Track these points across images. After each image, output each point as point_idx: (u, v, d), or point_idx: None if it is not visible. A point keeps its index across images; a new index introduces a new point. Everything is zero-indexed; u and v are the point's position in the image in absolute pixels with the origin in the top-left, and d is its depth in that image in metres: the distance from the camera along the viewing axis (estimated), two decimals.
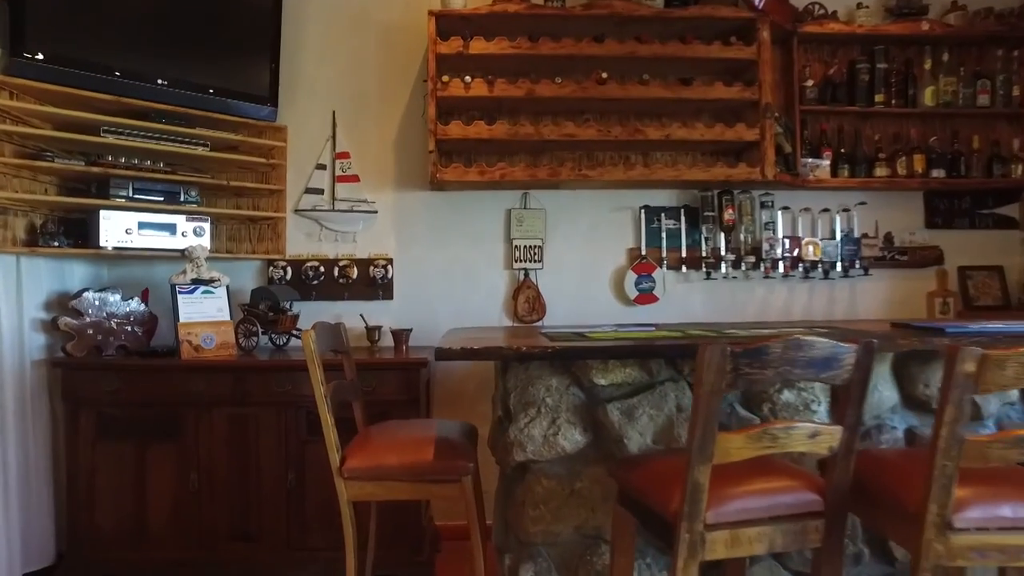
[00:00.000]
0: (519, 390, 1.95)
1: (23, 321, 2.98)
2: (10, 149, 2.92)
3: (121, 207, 3.02)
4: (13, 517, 2.86)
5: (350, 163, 3.50)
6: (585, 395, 1.96)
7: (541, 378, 1.95)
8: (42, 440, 3.06)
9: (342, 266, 3.48)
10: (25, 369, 2.98)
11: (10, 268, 2.93)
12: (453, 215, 3.51)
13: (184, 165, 3.30)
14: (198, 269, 3.12)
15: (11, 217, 2.94)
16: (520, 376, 1.96)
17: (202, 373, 2.96)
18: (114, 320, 3.12)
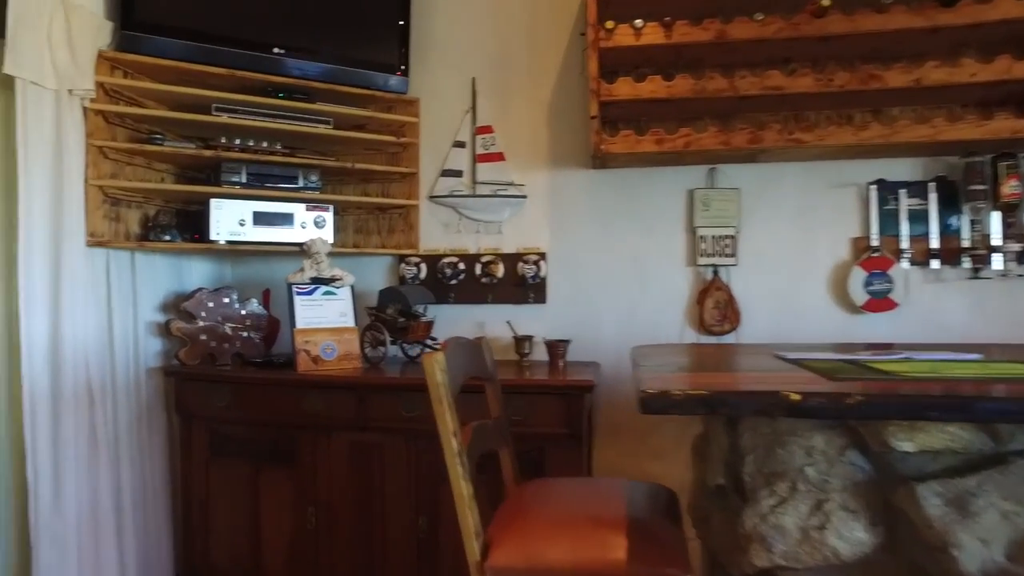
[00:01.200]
0: (760, 451, 1.22)
1: (137, 324, 2.64)
2: (123, 134, 2.58)
3: (234, 195, 2.60)
4: (128, 541, 2.51)
5: (493, 139, 2.90)
6: (873, 467, 1.19)
7: (797, 435, 1.21)
8: (159, 456, 2.71)
9: (485, 262, 2.88)
10: (140, 377, 2.63)
11: (124, 265, 2.59)
12: (620, 199, 2.81)
13: (304, 147, 2.84)
14: (318, 266, 2.64)
15: (124, 209, 2.59)
16: (762, 430, 1.23)
17: (320, 390, 2.46)
18: (229, 324, 2.71)
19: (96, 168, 2.43)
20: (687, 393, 1.00)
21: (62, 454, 2.28)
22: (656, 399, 1.01)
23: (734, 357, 1.65)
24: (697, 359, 1.63)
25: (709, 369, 1.43)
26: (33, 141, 2.23)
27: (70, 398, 2.31)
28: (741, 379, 1.27)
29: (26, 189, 2.21)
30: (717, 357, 1.67)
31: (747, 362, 1.53)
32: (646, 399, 1.01)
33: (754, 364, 1.48)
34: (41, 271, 2.24)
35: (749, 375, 1.33)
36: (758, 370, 1.37)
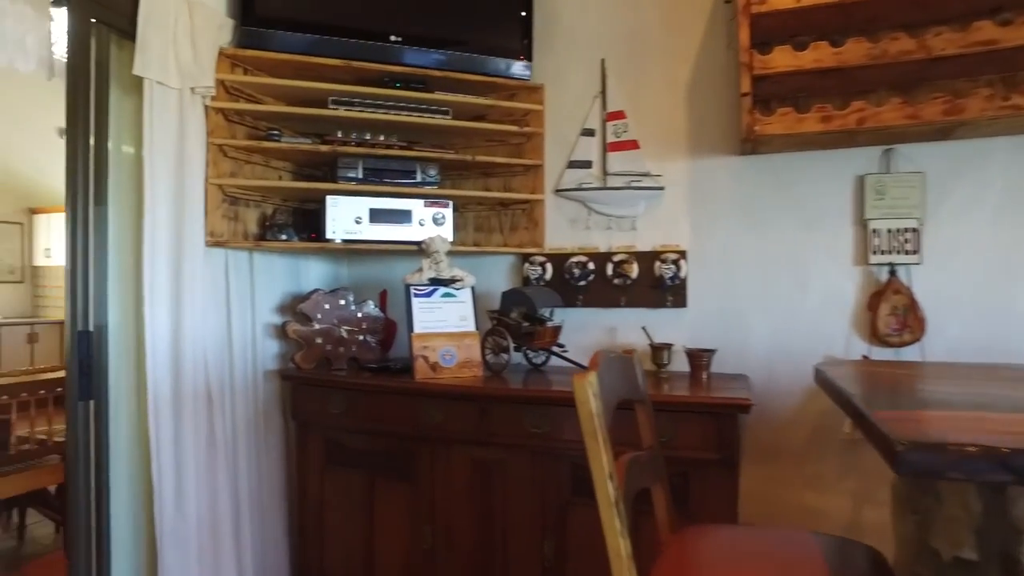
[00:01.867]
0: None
1: (255, 325, 2.55)
2: (242, 132, 2.50)
3: (350, 192, 2.46)
4: (246, 545, 2.43)
5: (626, 125, 2.61)
6: None
7: None
8: (275, 461, 2.62)
9: (617, 262, 2.59)
10: (257, 380, 2.55)
11: (242, 265, 2.52)
12: (774, 188, 2.43)
13: (422, 140, 2.67)
14: (437, 266, 2.45)
15: (242, 208, 2.52)
16: None
17: (439, 400, 2.27)
18: (345, 327, 2.58)
19: (216, 167, 2.36)
20: (982, 449, 0.67)
21: (183, 455, 2.21)
22: (926, 456, 0.68)
23: (958, 381, 1.27)
24: (910, 383, 1.27)
25: (958, 405, 1.07)
26: (158, 141, 2.17)
27: (189, 399, 2.24)
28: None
29: (151, 190, 2.15)
30: (933, 381, 1.30)
31: (999, 392, 1.16)
32: (906, 457, 0.69)
33: (1015, 395, 1.11)
34: (164, 271, 2.18)
35: None
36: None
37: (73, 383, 2.04)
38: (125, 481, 2.22)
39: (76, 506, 2.08)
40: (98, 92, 2.14)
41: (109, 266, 2.15)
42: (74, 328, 2.01)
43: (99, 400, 2.11)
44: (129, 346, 2.21)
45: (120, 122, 2.22)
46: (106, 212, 2.14)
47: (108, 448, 2.14)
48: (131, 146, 2.24)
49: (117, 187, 2.20)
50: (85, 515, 2.09)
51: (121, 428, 2.20)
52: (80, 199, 2.07)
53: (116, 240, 2.19)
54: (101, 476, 2.13)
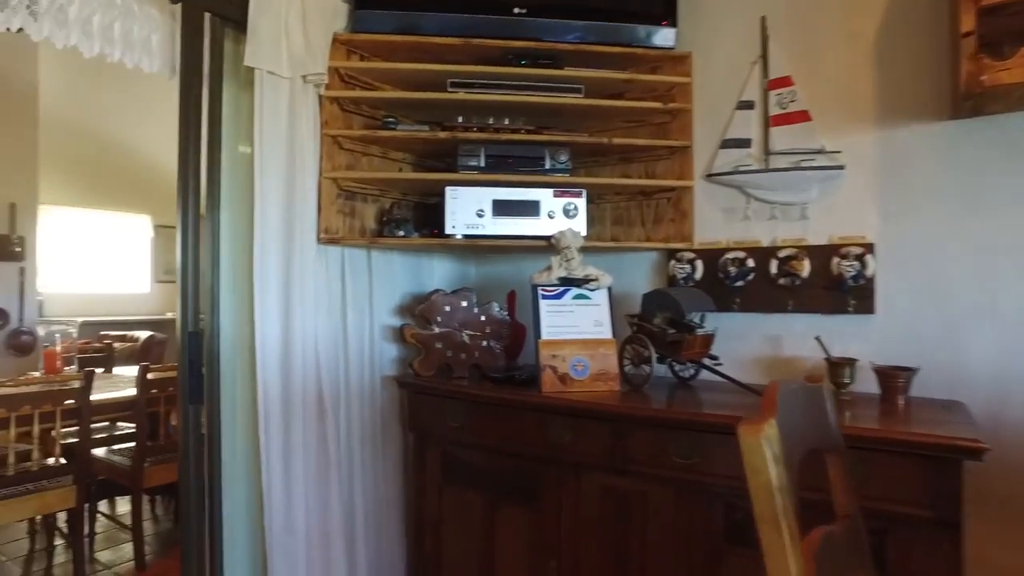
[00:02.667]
0: None
1: (373, 328, 2.37)
2: (358, 122, 2.32)
3: (471, 181, 2.19)
4: (360, 563, 2.25)
5: (793, 93, 2.13)
6: None
7: None
8: (392, 474, 2.43)
9: (784, 258, 2.12)
10: (375, 387, 2.37)
11: (359, 264, 2.34)
12: (1004, 160, 1.86)
13: (551, 123, 2.35)
14: (568, 264, 2.13)
15: (359, 203, 2.34)
16: None
17: (568, 417, 1.94)
18: (467, 332, 2.32)
19: (331, 160, 2.19)
20: None
21: (292, 466, 2.05)
22: None
23: None
24: None
25: None
26: (268, 133, 2.03)
27: (300, 406, 2.07)
28: None
29: (261, 185, 2.02)
30: None
31: None
32: None
33: None
34: (274, 271, 2.04)
35: None
36: None
37: (184, 385, 1.93)
38: (240, 490, 2.09)
39: (187, 513, 1.98)
40: (211, 89, 2.02)
41: (223, 266, 2.03)
42: (184, 329, 1.90)
43: (211, 403, 2.00)
44: (243, 350, 2.08)
45: (236, 121, 2.10)
46: (219, 211, 2.03)
47: (220, 453, 2.03)
48: (247, 146, 2.11)
49: (232, 186, 2.09)
50: (197, 522, 1.98)
51: (236, 434, 2.08)
52: (191, 196, 1.96)
53: (231, 239, 2.07)
54: (214, 484, 2.01)
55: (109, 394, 3.05)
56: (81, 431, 2.78)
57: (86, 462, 2.82)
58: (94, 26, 1.95)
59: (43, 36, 1.87)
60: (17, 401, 2.57)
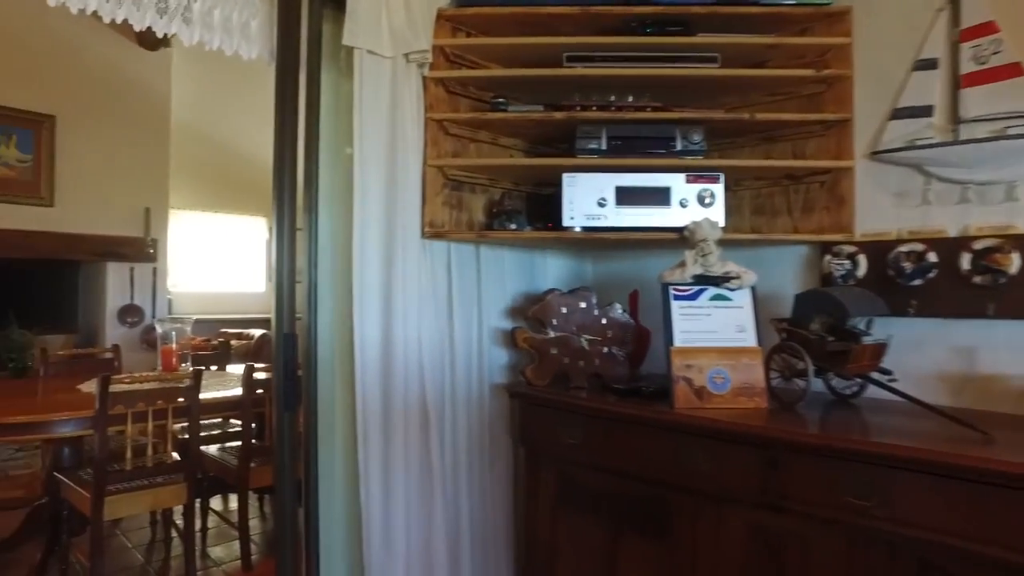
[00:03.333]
0: None
1: (482, 331, 2.14)
2: (465, 105, 2.10)
3: (591, 167, 1.92)
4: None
5: (997, 43, 1.70)
6: None
7: None
8: (501, 493, 2.19)
9: (981, 250, 1.69)
10: (483, 396, 2.13)
11: (467, 260, 2.11)
12: None
13: (681, 99, 2.03)
14: (704, 259, 1.81)
15: (467, 193, 2.12)
16: None
17: (706, 439, 1.62)
18: (586, 336, 2.04)
19: (436, 146, 1.98)
20: None
21: (393, 480, 1.85)
22: None
23: None
24: None
25: None
26: (369, 119, 1.85)
27: (401, 415, 1.87)
28: None
29: (361, 175, 1.83)
30: None
31: None
32: None
33: None
34: (375, 268, 1.84)
35: None
36: None
37: (279, 388, 1.77)
38: (337, 500, 1.92)
39: (282, 522, 1.82)
40: (309, 74, 1.86)
41: (321, 263, 1.87)
42: (279, 330, 1.74)
43: (307, 409, 1.84)
44: (341, 354, 1.91)
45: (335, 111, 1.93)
46: (316, 204, 1.86)
47: (316, 461, 1.86)
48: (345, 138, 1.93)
49: (332, 180, 1.92)
50: (292, 531, 1.82)
51: (333, 442, 1.91)
52: (287, 190, 1.80)
53: (329, 234, 1.91)
54: (310, 493, 1.85)
55: (218, 393, 3.01)
56: (191, 429, 2.74)
57: (195, 460, 2.77)
58: (194, 13, 1.83)
59: (144, 25, 1.78)
60: (133, 398, 2.55)
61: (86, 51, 5.66)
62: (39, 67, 5.43)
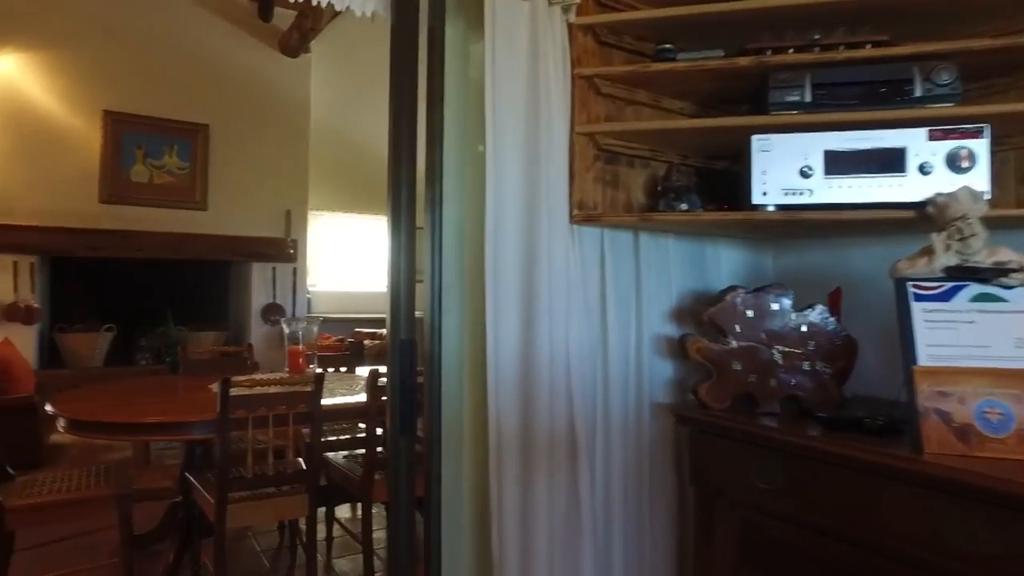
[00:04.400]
0: None
1: (641, 338, 1.70)
2: (621, 58, 1.67)
3: (790, 126, 1.43)
4: None
5: None
6: None
7: None
8: (665, 540, 1.73)
9: None
10: (643, 417, 1.69)
11: (624, 250, 1.69)
12: None
13: (914, 29, 1.48)
14: (963, 244, 1.27)
15: (623, 168, 1.69)
16: None
17: (982, 505, 1.09)
18: (780, 347, 1.55)
19: (585, 109, 1.57)
20: None
21: (533, 525, 1.46)
22: None
23: None
24: None
25: None
26: (503, 75, 1.47)
27: (544, 443, 1.48)
28: None
29: (493, 146, 1.46)
30: None
31: None
32: None
33: None
34: (513, 260, 1.47)
35: None
36: None
37: (394, 406, 1.43)
38: (463, 545, 1.56)
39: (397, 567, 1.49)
40: (432, 34, 1.52)
41: (446, 253, 1.52)
42: (395, 336, 1.41)
43: (429, 431, 1.49)
44: (472, 365, 1.55)
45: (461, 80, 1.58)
46: (441, 181, 1.51)
47: (439, 496, 1.51)
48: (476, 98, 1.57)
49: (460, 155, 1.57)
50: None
51: (461, 472, 1.55)
52: (404, 167, 1.46)
53: (455, 218, 1.55)
54: (431, 532, 1.50)
55: (342, 399, 2.78)
56: (313, 438, 2.51)
57: (316, 470, 2.55)
58: None
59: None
60: (255, 403, 2.36)
61: (234, 61, 5.80)
62: (195, 80, 5.62)
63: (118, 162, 5.30)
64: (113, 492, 2.43)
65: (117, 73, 5.30)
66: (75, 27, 5.15)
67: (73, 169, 5.13)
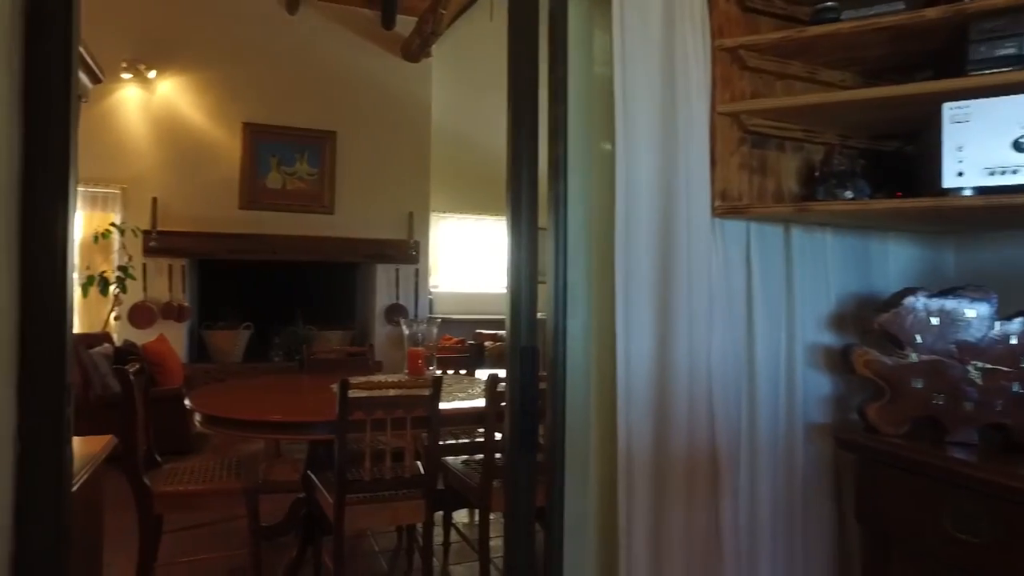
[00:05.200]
0: None
1: (793, 348, 1.46)
2: (768, 24, 1.45)
3: (997, 87, 1.14)
4: None
5: None
6: None
7: None
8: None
9: None
10: (795, 440, 1.45)
11: (773, 246, 1.45)
12: None
13: None
14: None
15: (772, 152, 1.46)
16: None
17: None
18: (977, 363, 1.25)
19: (728, 86, 1.36)
20: None
21: (665, 552, 1.27)
22: None
23: None
24: None
25: None
26: (633, 48, 1.30)
27: (681, 469, 1.28)
28: None
29: (624, 132, 1.29)
30: None
31: None
32: None
33: None
34: (646, 259, 1.28)
35: None
36: None
37: (515, 419, 1.29)
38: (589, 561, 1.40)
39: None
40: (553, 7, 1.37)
41: (571, 254, 1.36)
42: (515, 342, 1.26)
43: (553, 445, 1.34)
44: (601, 376, 1.38)
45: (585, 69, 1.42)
46: (565, 185, 1.36)
47: (561, 522, 1.36)
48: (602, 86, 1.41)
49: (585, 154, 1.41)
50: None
51: (585, 496, 1.39)
52: (526, 161, 1.32)
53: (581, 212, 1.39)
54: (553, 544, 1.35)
55: (460, 403, 2.70)
56: (430, 442, 2.44)
57: (433, 475, 2.47)
58: None
59: None
60: (372, 405, 2.32)
61: (359, 70, 5.97)
62: (323, 89, 5.84)
63: (255, 170, 5.60)
64: (242, 486, 2.48)
65: (254, 87, 5.61)
66: (219, 49, 5.50)
67: (217, 178, 5.48)
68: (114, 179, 5.21)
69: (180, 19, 5.42)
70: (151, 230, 5.21)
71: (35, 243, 1.02)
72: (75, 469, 1.46)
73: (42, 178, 1.04)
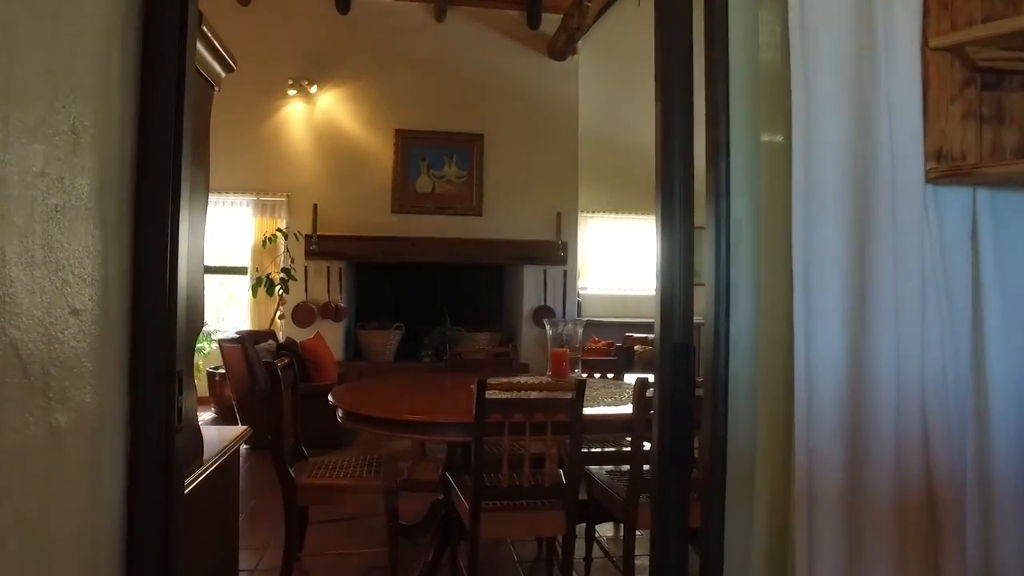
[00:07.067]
0: None
1: None
2: None
3: None
4: None
5: None
6: None
7: None
8: None
9: None
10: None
11: (1014, 218, 1.11)
12: None
13: None
14: None
15: (1014, 94, 1.12)
16: None
17: None
18: None
19: (947, 11, 1.05)
20: None
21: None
22: None
23: None
24: None
25: None
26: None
27: (885, 501, 0.99)
28: None
29: (803, 81, 1.02)
30: None
31: None
32: None
33: None
34: (836, 239, 1.01)
35: None
36: None
37: (663, 427, 1.06)
38: None
39: None
40: None
41: (733, 254, 1.12)
42: (667, 339, 1.04)
43: (711, 457, 1.10)
44: (772, 387, 1.12)
45: None
46: (727, 174, 1.12)
47: (721, 533, 1.11)
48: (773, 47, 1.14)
49: (748, 139, 1.16)
50: None
51: (752, 509, 1.13)
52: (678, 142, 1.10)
53: (746, 217, 1.14)
54: (710, 572, 1.11)
55: (606, 409, 2.49)
56: (572, 449, 2.26)
57: (574, 486, 2.28)
58: None
59: None
60: (510, 408, 2.19)
61: (505, 71, 5.96)
62: (471, 92, 5.90)
63: (406, 175, 5.76)
64: (380, 484, 2.45)
65: (406, 95, 5.77)
66: (373, 60, 5.73)
67: (371, 184, 5.70)
68: (281, 188, 5.61)
69: (338, 35, 5.72)
70: (312, 234, 5.53)
71: (147, 230, 0.98)
72: (208, 456, 1.46)
73: (156, 163, 1.00)
